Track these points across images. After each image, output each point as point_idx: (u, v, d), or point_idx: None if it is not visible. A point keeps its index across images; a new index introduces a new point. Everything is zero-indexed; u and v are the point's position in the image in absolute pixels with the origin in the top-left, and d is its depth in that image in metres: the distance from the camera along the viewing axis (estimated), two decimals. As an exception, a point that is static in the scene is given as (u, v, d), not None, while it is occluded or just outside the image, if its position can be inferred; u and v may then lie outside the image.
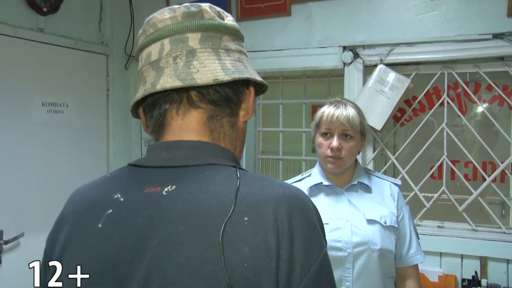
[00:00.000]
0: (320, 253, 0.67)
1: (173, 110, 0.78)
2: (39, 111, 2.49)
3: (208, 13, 0.80)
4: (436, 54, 2.34)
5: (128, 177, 0.77)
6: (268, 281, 0.63)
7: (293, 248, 0.65)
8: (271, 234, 0.65)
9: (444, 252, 2.34)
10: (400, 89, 2.37)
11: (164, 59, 0.77)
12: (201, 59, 0.76)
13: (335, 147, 1.53)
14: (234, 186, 0.69)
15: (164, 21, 0.79)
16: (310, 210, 0.71)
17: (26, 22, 2.39)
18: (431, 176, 2.55)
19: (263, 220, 0.66)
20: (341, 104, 1.58)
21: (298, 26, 2.64)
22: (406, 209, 1.65)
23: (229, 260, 0.63)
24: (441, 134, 2.45)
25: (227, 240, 0.64)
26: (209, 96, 0.77)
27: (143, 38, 0.82)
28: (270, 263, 0.63)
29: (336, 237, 1.52)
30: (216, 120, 0.78)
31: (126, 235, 0.70)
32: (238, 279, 0.62)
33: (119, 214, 0.72)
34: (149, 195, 0.72)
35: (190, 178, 0.72)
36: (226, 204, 0.67)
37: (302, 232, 0.67)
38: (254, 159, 2.98)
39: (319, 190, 1.64)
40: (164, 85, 0.74)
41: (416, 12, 2.39)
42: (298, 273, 0.64)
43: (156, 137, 0.81)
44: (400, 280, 1.64)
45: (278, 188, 0.71)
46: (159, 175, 0.74)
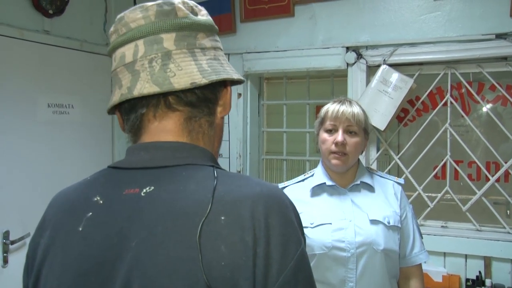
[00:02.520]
0: (297, 250, 0.68)
1: (150, 114, 0.77)
2: (44, 112, 2.51)
3: (182, 11, 0.78)
4: (439, 54, 2.34)
5: (108, 179, 0.77)
6: (246, 278, 0.63)
7: (269, 246, 0.65)
8: (248, 232, 0.65)
9: (448, 252, 2.34)
10: (403, 89, 2.38)
11: (139, 61, 0.76)
12: (177, 61, 0.75)
13: (340, 142, 1.53)
14: (211, 185, 0.69)
15: (137, 21, 0.77)
16: (287, 208, 0.71)
17: (32, 25, 2.41)
18: (434, 176, 2.55)
19: (240, 219, 0.66)
20: (346, 101, 1.59)
21: (301, 27, 2.65)
22: (409, 209, 1.65)
23: (207, 258, 0.63)
24: (444, 134, 2.44)
25: (205, 239, 0.64)
26: (186, 98, 0.77)
27: (115, 37, 0.80)
28: (247, 261, 0.64)
29: (339, 237, 1.51)
30: (194, 121, 0.78)
31: (107, 237, 0.70)
32: (216, 277, 0.63)
33: (99, 217, 0.72)
34: (128, 196, 0.72)
35: (168, 179, 0.72)
36: (204, 204, 0.67)
37: (279, 230, 0.67)
38: (258, 159, 2.99)
39: (322, 190, 1.63)
40: (141, 90, 0.74)
41: (419, 12, 2.39)
42: (275, 270, 0.65)
43: (134, 139, 0.81)
44: (404, 279, 1.63)
45: (255, 186, 0.71)
46: (138, 177, 0.74)
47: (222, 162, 2.86)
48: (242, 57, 2.78)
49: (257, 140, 2.99)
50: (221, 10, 2.77)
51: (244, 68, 2.78)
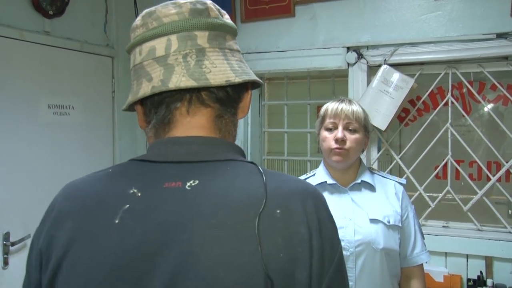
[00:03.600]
0: (339, 244, 0.73)
1: (183, 108, 0.77)
2: (45, 113, 2.51)
3: (214, 11, 0.79)
4: (440, 54, 2.34)
5: (140, 172, 0.75)
6: (303, 269, 0.66)
7: (322, 238, 0.69)
8: (303, 225, 0.68)
9: (449, 252, 2.34)
10: (404, 89, 2.38)
11: (172, 55, 0.75)
12: (211, 58, 0.76)
13: (340, 138, 1.54)
14: (261, 180, 0.71)
15: (170, 16, 0.77)
16: (326, 204, 0.76)
17: (32, 25, 2.41)
18: (435, 176, 2.55)
19: (294, 212, 0.69)
20: (345, 100, 1.61)
21: (302, 27, 2.65)
22: (411, 209, 1.65)
23: (265, 251, 0.65)
24: (445, 134, 2.44)
25: (262, 232, 0.66)
26: (218, 96, 0.77)
27: (143, 31, 0.79)
28: (303, 252, 0.67)
29: (339, 236, 1.52)
30: (223, 119, 0.79)
31: (148, 231, 0.68)
32: (275, 269, 0.65)
33: (138, 209, 0.70)
34: (170, 189, 0.71)
35: (213, 173, 0.72)
36: (257, 198, 0.69)
37: (327, 224, 0.72)
38: (260, 160, 2.99)
39: (323, 189, 1.64)
40: (178, 84, 0.73)
41: (420, 12, 2.39)
42: (327, 261, 0.69)
43: (158, 133, 0.79)
44: (405, 279, 1.63)
45: (298, 182, 0.75)
46: (176, 170, 0.73)
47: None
48: (243, 57, 2.77)
49: (258, 140, 2.99)
50: (221, 10, 2.77)
51: (244, 69, 2.77)
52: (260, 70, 2.76)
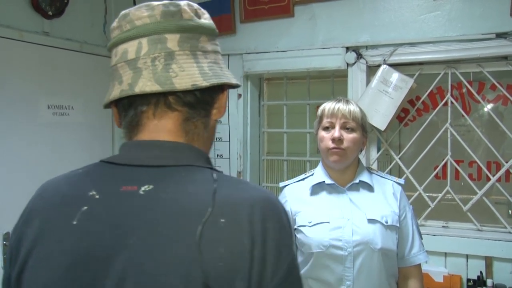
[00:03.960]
0: (290, 254, 0.71)
1: (150, 112, 0.78)
2: (44, 113, 2.51)
3: (187, 13, 0.80)
4: (439, 54, 2.34)
5: (103, 174, 0.77)
6: (242, 279, 0.65)
7: (265, 249, 0.68)
8: (246, 235, 0.67)
9: (449, 252, 2.34)
10: (404, 89, 2.37)
11: (142, 59, 0.77)
12: (179, 62, 0.77)
13: (337, 137, 1.55)
14: (211, 188, 0.71)
15: (142, 19, 0.78)
16: (282, 213, 0.74)
17: (31, 26, 2.41)
18: (435, 176, 2.55)
19: (238, 222, 0.68)
20: (342, 100, 1.62)
21: (301, 27, 2.65)
22: (409, 209, 1.65)
23: (206, 259, 0.65)
24: (445, 134, 2.44)
25: (204, 240, 0.66)
26: (185, 99, 0.78)
27: (118, 33, 0.80)
28: (244, 263, 0.66)
29: (337, 236, 1.52)
30: (191, 122, 0.80)
31: (102, 232, 0.70)
32: (214, 277, 0.65)
33: (94, 211, 0.72)
34: (126, 193, 0.72)
35: (167, 179, 0.73)
36: (204, 206, 0.69)
37: (274, 234, 0.70)
38: (259, 160, 2.99)
39: (321, 189, 1.65)
40: (143, 88, 0.75)
41: (419, 12, 2.39)
42: (269, 272, 0.67)
43: (129, 135, 0.81)
44: (403, 279, 1.64)
45: (252, 191, 0.74)
46: (135, 174, 0.75)
47: (222, 162, 2.86)
48: (242, 57, 2.78)
49: (258, 140, 2.98)
50: (221, 10, 2.77)
51: (244, 69, 2.78)
52: (260, 70, 2.76)
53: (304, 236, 1.57)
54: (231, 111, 2.83)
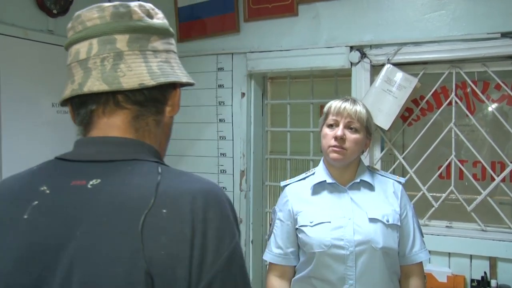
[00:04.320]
0: (231, 242, 0.74)
1: (100, 110, 0.82)
2: (48, 111, 2.51)
3: (137, 14, 0.82)
4: (444, 53, 2.33)
5: (55, 170, 0.81)
6: (183, 267, 0.69)
7: (206, 237, 0.71)
8: (187, 225, 0.71)
9: (452, 252, 2.33)
10: (408, 88, 2.37)
11: (92, 59, 0.80)
12: (128, 62, 0.79)
13: (339, 136, 1.55)
14: (155, 180, 0.74)
15: (93, 20, 0.81)
16: (224, 203, 0.77)
17: (36, 24, 2.42)
18: (439, 175, 2.54)
19: (180, 212, 0.72)
20: (350, 99, 1.62)
21: (305, 26, 2.65)
22: (410, 207, 1.65)
23: (148, 248, 0.69)
24: (449, 133, 2.43)
25: (147, 230, 0.69)
26: (134, 98, 0.81)
27: (71, 34, 0.84)
28: (185, 251, 0.69)
29: (339, 235, 1.53)
30: (141, 119, 0.83)
31: (52, 225, 0.73)
32: (156, 265, 0.68)
33: (45, 206, 0.75)
34: (75, 187, 0.75)
35: (114, 172, 0.77)
36: (147, 197, 0.72)
37: (215, 223, 0.73)
38: (262, 159, 2.99)
39: (322, 188, 1.65)
40: (91, 88, 0.78)
41: (424, 11, 2.38)
42: (210, 260, 0.71)
43: (83, 133, 0.85)
44: (404, 277, 1.64)
45: (195, 182, 0.77)
46: (85, 169, 0.78)
47: (226, 161, 2.87)
48: (246, 56, 2.78)
49: (261, 139, 2.98)
50: (224, 9, 2.77)
51: (247, 68, 2.78)
52: (263, 69, 2.75)
53: (305, 236, 1.57)
54: (235, 110, 2.83)
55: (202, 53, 2.88)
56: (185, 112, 2.87)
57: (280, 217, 1.67)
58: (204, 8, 2.81)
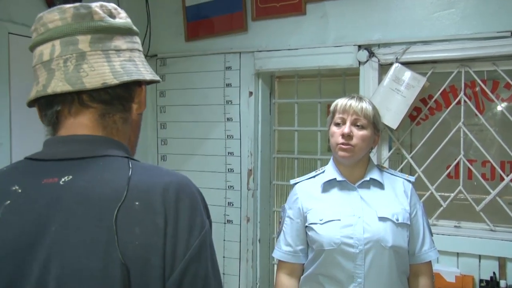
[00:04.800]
0: (202, 231, 0.77)
1: (65, 110, 0.83)
2: (58, 110, 2.53)
3: (98, 14, 0.83)
4: (453, 52, 2.32)
5: (26, 170, 0.82)
6: (157, 255, 0.72)
7: (177, 227, 0.74)
8: (159, 216, 0.74)
9: (461, 252, 2.31)
10: (416, 87, 2.36)
11: (55, 61, 0.81)
12: (90, 62, 0.80)
13: (346, 133, 1.56)
14: (126, 174, 0.77)
15: (55, 22, 0.82)
16: (194, 194, 0.80)
17: (45, 24, 2.44)
18: (447, 175, 2.52)
19: (152, 204, 0.74)
20: (356, 97, 1.62)
21: (313, 25, 2.64)
22: (419, 206, 1.65)
23: (122, 239, 0.71)
24: (457, 133, 2.42)
25: (120, 222, 0.72)
26: (99, 97, 0.82)
27: (35, 36, 0.85)
28: (158, 240, 0.73)
29: (348, 233, 1.53)
30: (108, 117, 0.84)
31: (25, 223, 0.75)
32: (130, 256, 0.71)
33: (17, 204, 0.77)
34: (47, 185, 0.77)
35: (85, 168, 0.79)
36: (119, 191, 0.74)
37: (186, 213, 0.76)
38: (270, 158, 2.99)
39: (332, 186, 1.66)
40: (54, 89, 0.80)
41: (433, 10, 2.37)
42: (182, 247, 0.74)
43: (52, 132, 0.86)
44: (413, 276, 1.64)
45: (165, 176, 0.80)
46: (56, 167, 0.79)
47: (233, 160, 2.87)
48: (254, 55, 2.78)
49: (269, 138, 2.98)
50: (232, 8, 2.77)
51: (255, 67, 2.78)
52: (271, 68, 2.75)
53: (315, 233, 1.57)
54: (242, 109, 2.84)
55: (210, 52, 2.88)
56: (193, 111, 2.88)
57: (289, 215, 1.68)
58: (211, 7, 2.81)
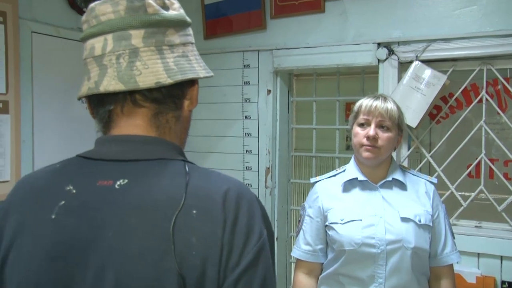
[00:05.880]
0: (259, 240, 0.74)
1: (118, 109, 0.80)
2: (78, 107, 2.57)
3: (152, 7, 0.79)
4: (475, 50, 2.28)
5: (79, 169, 0.80)
6: (213, 265, 0.69)
7: (234, 235, 0.71)
8: (218, 225, 0.71)
9: (482, 252, 2.28)
10: (436, 86, 2.33)
11: (107, 56, 0.78)
12: (144, 59, 0.77)
13: (372, 136, 1.54)
14: (184, 180, 0.74)
15: (107, 14, 0.78)
16: (253, 202, 0.77)
17: (67, 22, 2.48)
18: (468, 174, 2.48)
19: (210, 213, 0.72)
20: (380, 97, 1.60)
21: (332, 23, 2.63)
22: (441, 208, 1.63)
23: (179, 249, 0.69)
24: (479, 132, 2.38)
25: (177, 231, 0.70)
26: (152, 96, 0.79)
27: (86, 27, 0.82)
28: (215, 250, 0.70)
29: (370, 233, 1.51)
30: (161, 117, 0.81)
31: (79, 226, 0.73)
32: (187, 266, 0.68)
33: (72, 206, 0.75)
34: (102, 188, 0.75)
35: (141, 173, 0.76)
36: (176, 198, 0.72)
37: (244, 221, 0.73)
38: (288, 156, 2.99)
39: (352, 186, 1.64)
40: (107, 87, 0.76)
41: (454, 7, 2.33)
42: (237, 256, 0.71)
43: (104, 131, 0.84)
44: (435, 279, 1.62)
45: (224, 182, 0.77)
46: (110, 169, 0.77)
47: (251, 158, 2.87)
48: (272, 53, 2.78)
49: (287, 136, 2.98)
50: (251, 6, 2.77)
51: (274, 65, 2.78)
52: (289, 66, 2.75)
53: (336, 233, 1.56)
54: (260, 107, 2.84)
55: (228, 50, 2.89)
56: (211, 109, 2.89)
57: (309, 214, 1.67)
58: (230, 5, 2.82)
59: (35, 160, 2.34)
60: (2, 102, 2.18)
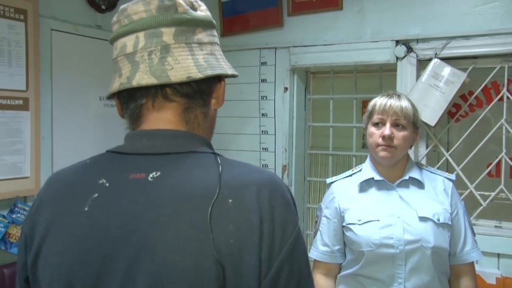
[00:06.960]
0: (295, 229, 0.76)
1: (149, 103, 0.82)
2: (96, 105, 2.60)
3: (182, 6, 0.82)
4: (495, 47, 2.24)
5: (111, 164, 0.81)
6: (252, 254, 0.71)
7: (273, 225, 0.73)
8: (254, 213, 0.72)
9: (502, 253, 2.24)
10: (456, 83, 2.29)
11: (139, 53, 0.80)
12: (175, 55, 0.80)
13: (387, 135, 1.52)
14: (217, 171, 0.76)
15: (139, 13, 0.81)
16: (286, 192, 0.79)
17: (86, 20, 2.51)
18: (488, 174, 2.45)
19: (246, 201, 0.73)
20: (394, 95, 1.58)
21: (349, 20, 2.61)
22: (460, 205, 1.60)
23: (217, 237, 0.70)
24: (499, 130, 2.34)
25: (214, 220, 0.71)
26: (182, 90, 0.81)
27: (117, 27, 0.84)
28: (253, 239, 0.71)
29: (388, 234, 1.50)
30: (190, 112, 0.83)
31: (112, 218, 0.74)
32: (225, 254, 0.69)
33: (104, 198, 0.76)
34: (134, 180, 0.76)
35: (173, 165, 0.77)
36: (211, 188, 0.73)
37: (280, 211, 0.75)
38: (304, 154, 2.98)
39: (369, 186, 1.62)
40: (140, 81, 0.78)
41: (475, 3, 2.30)
42: (277, 245, 0.72)
43: (133, 126, 0.85)
44: (455, 278, 1.59)
45: (256, 173, 0.79)
46: (142, 162, 0.78)
47: (267, 156, 2.87)
48: (289, 50, 2.77)
49: (303, 134, 2.97)
50: (268, 4, 2.77)
51: (291, 62, 2.77)
52: (306, 64, 2.74)
53: (353, 234, 1.55)
54: (277, 104, 2.83)
55: (245, 48, 2.89)
56: (227, 107, 2.89)
57: (326, 214, 1.66)
58: (247, 3, 2.82)
59: (54, 156, 2.37)
60: (22, 99, 2.22)
